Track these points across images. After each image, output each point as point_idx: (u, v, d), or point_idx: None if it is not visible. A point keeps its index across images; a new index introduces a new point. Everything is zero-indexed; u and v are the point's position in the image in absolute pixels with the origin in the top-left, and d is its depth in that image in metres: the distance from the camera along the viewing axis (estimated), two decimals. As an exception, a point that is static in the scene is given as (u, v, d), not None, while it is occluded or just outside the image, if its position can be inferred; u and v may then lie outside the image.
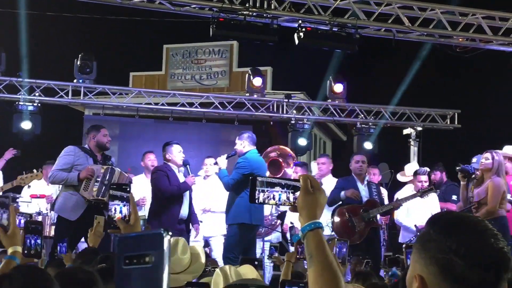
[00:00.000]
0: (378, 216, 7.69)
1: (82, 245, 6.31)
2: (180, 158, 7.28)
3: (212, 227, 8.48)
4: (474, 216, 1.54)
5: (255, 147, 7.33)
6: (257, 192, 1.80)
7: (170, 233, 1.09)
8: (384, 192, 8.74)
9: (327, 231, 7.82)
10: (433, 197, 8.22)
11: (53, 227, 7.27)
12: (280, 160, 10.19)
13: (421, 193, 7.58)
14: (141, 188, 8.14)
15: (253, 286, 1.91)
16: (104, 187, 6.29)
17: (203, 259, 3.79)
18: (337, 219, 7.44)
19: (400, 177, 9.41)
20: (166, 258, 1.06)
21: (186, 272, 3.58)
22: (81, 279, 2.37)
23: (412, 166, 9.41)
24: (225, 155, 7.41)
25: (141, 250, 1.07)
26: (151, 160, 8.42)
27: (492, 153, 6.78)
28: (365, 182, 7.70)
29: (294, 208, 1.81)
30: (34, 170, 6.87)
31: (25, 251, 2.84)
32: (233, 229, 7.03)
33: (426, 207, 8.00)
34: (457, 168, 7.01)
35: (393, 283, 3.75)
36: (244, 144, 7.28)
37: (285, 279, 3.90)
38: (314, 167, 9.54)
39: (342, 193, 7.49)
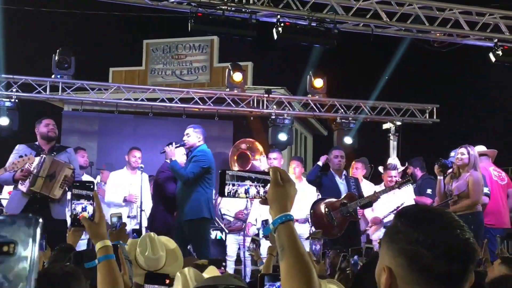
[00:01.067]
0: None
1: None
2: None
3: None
4: (441, 208, 1.56)
5: None
6: (226, 185, 1.80)
7: (41, 220, 0.95)
8: (369, 185, 8.80)
9: (307, 226, 7.90)
10: (406, 190, 8.34)
11: None
12: (248, 152, 10.26)
13: (399, 184, 7.69)
14: (133, 183, 8.09)
15: (222, 286, 1.90)
16: (34, 177, 6.41)
17: (179, 253, 3.77)
18: (315, 213, 7.49)
19: (381, 169, 9.49)
20: (33, 249, 0.93)
21: (163, 270, 3.56)
22: (61, 276, 2.32)
23: (395, 160, 9.53)
24: (174, 144, 7.19)
25: (5, 238, 0.93)
26: (136, 157, 8.35)
27: (467, 148, 6.90)
28: (343, 177, 7.77)
29: (264, 201, 1.81)
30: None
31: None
32: (196, 224, 6.89)
33: (395, 204, 8.06)
34: (438, 162, 7.09)
35: (357, 271, 3.77)
36: (200, 138, 7.20)
37: (266, 272, 3.88)
38: (264, 162, 9.63)
39: (320, 162, 7.80)
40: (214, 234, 9.77)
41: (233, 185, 1.79)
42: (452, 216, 1.44)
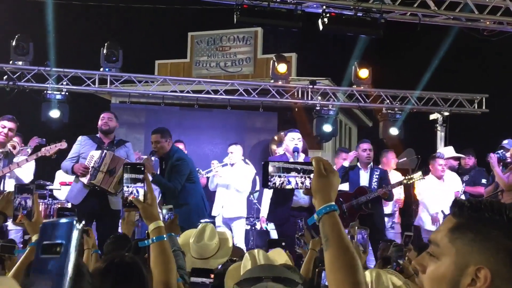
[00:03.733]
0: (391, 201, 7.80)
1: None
2: None
3: (235, 209, 8.57)
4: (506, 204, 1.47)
5: None
6: (271, 177, 1.81)
7: (83, 222, 1.02)
8: (397, 176, 8.68)
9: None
10: (456, 180, 8.27)
11: None
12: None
13: (408, 179, 7.64)
14: None
15: (268, 279, 1.90)
16: (95, 171, 6.65)
17: (230, 243, 3.83)
18: None
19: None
20: (72, 249, 1.00)
21: (214, 257, 3.62)
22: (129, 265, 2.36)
23: (449, 149, 9.36)
24: (152, 157, 6.92)
25: (56, 239, 1.01)
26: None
27: None
28: (368, 169, 7.71)
29: (308, 192, 1.81)
30: (58, 142, 6.88)
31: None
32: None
33: (446, 194, 8.03)
34: (492, 154, 7.04)
35: None
36: (169, 141, 6.98)
37: (308, 268, 3.85)
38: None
39: (346, 162, 7.87)
40: (259, 224, 9.85)
41: (279, 176, 1.80)
42: None
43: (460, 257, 1.30)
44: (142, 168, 2.39)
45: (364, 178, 7.62)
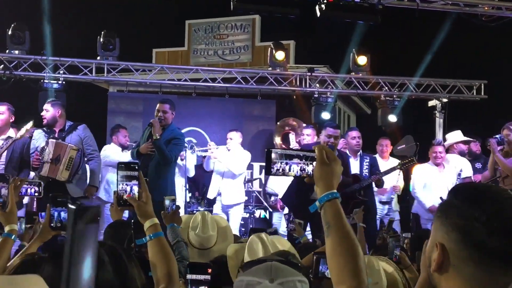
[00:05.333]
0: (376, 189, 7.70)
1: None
2: None
3: (234, 195, 8.61)
4: (498, 186, 1.54)
5: None
6: (274, 164, 1.81)
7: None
8: (394, 163, 8.64)
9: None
10: (451, 171, 8.19)
11: None
12: (292, 133, 10.22)
13: (401, 165, 7.59)
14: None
15: (272, 261, 1.91)
16: (40, 163, 6.65)
17: (231, 231, 3.81)
18: None
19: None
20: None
21: (215, 247, 3.61)
22: None
23: (454, 135, 9.22)
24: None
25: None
26: None
27: None
28: (358, 157, 7.69)
29: (310, 179, 1.82)
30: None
31: (52, 224, 2.89)
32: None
33: (445, 182, 7.98)
34: (491, 139, 6.98)
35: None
36: (173, 114, 7.04)
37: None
38: (293, 140, 9.64)
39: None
40: (258, 213, 9.87)
41: (281, 163, 1.80)
42: (508, 193, 1.41)
43: (433, 235, 1.45)
44: (136, 167, 2.41)
45: (354, 166, 7.56)
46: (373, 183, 7.38)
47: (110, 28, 10.38)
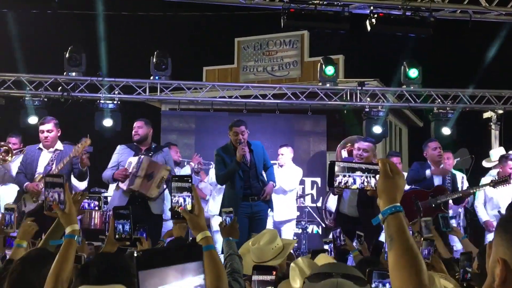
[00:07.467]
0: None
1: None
2: None
3: (285, 211, 8.60)
4: None
5: None
6: (336, 177, 1.82)
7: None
8: (460, 178, 8.51)
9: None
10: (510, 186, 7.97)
11: None
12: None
13: (494, 183, 7.28)
14: None
15: (338, 275, 1.91)
16: (133, 176, 6.77)
17: (290, 249, 3.83)
18: (404, 200, 7.30)
19: (485, 163, 9.15)
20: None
21: (273, 261, 3.65)
22: None
23: (498, 151, 9.12)
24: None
25: None
26: None
27: None
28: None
29: (373, 192, 1.82)
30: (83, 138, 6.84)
31: (116, 236, 2.96)
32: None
33: (503, 197, 7.80)
34: None
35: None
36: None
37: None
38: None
39: (428, 171, 7.39)
40: (311, 228, 9.83)
41: (344, 176, 1.82)
42: None
43: (494, 250, 1.45)
44: (190, 180, 2.45)
45: (436, 179, 7.43)
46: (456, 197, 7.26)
47: (161, 47, 10.61)
